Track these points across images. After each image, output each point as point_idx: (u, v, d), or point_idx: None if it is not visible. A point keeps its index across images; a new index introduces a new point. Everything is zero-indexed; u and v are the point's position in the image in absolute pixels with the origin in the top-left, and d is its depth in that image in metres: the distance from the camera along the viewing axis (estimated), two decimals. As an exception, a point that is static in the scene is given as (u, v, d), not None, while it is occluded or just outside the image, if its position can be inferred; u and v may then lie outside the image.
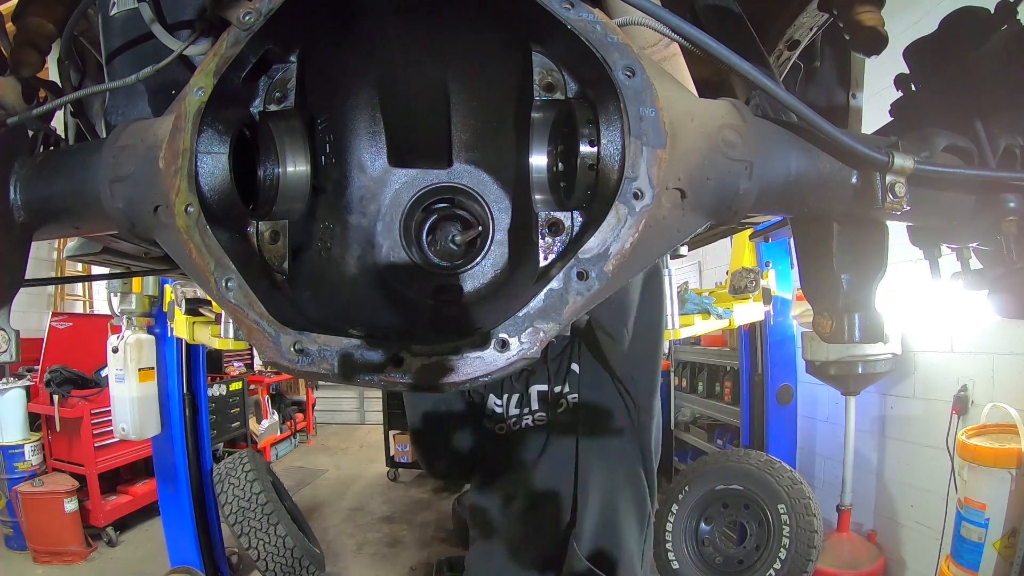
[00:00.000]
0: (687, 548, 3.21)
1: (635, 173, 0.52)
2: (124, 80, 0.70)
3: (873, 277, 0.75)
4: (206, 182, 0.57)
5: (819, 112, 0.61)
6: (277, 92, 0.65)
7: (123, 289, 3.27)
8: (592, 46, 0.55)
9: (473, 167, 0.80)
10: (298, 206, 0.67)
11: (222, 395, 6.20)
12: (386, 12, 0.66)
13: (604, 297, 0.53)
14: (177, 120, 0.57)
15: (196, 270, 0.55)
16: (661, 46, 0.82)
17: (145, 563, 4.25)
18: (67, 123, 1.15)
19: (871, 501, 3.71)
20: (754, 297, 3.06)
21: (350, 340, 0.51)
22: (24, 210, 0.71)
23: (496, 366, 0.50)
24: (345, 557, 4.42)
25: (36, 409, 4.75)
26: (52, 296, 7.35)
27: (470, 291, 0.77)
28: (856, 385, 3.43)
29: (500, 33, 0.65)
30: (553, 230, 0.61)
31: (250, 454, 3.72)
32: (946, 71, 0.84)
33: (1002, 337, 2.87)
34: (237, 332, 2.05)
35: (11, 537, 4.50)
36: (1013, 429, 2.54)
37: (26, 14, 0.84)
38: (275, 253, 0.64)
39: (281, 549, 3.29)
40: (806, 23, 1.04)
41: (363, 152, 0.78)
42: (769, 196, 0.64)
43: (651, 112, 0.54)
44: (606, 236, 0.51)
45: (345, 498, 5.75)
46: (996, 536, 2.47)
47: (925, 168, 0.64)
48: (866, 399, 3.62)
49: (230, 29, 0.58)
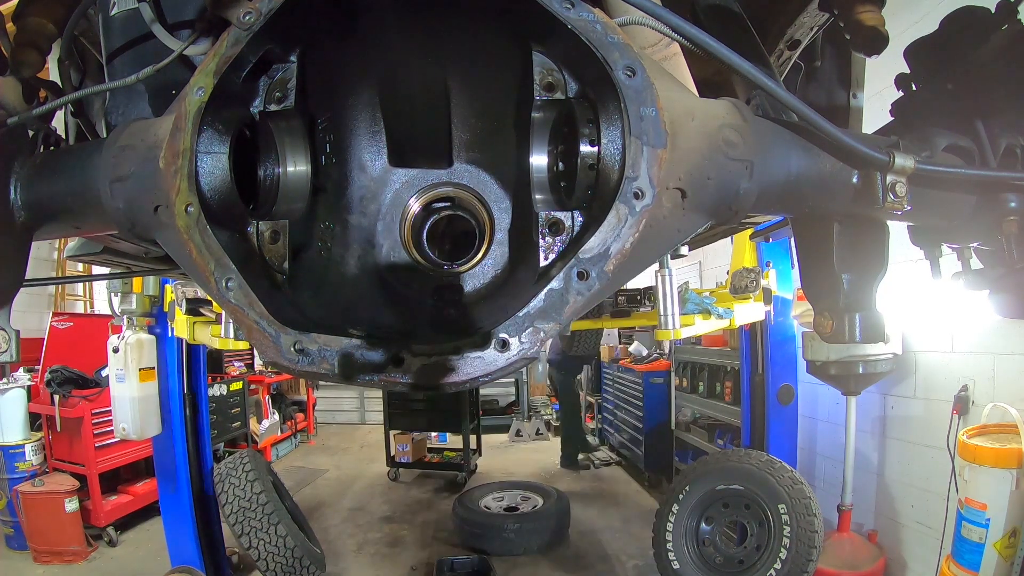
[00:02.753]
0: (688, 548, 3.21)
1: (636, 173, 0.52)
2: (124, 80, 0.70)
3: (874, 277, 0.75)
4: (206, 182, 0.57)
5: (820, 112, 0.61)
6: (277, 92, 0.65)
7: (124, 289, 3.27)
8: (592, 46, 0.55)
9: (473, 167, 0.80)
10: (298, 206, 0.68)
11: (223, 395, 6.20)
12: (386, 12, 0.66)
13: (605, 297, 0.53)
14: (177, 120, 0.57)
15: (196, 270, 0.55)
16: (661, 46, 0.82)
17: (146, 563, 4.25)
18: (67, 123, 1.15)
19: (872, 501, 3.70)
20: (755, 297, 3.06)
21: (350, 340, 0.51)
22: (24, 210, 0.71)
23: (496, 366, 0.50)
24: (346, 557, 4.42)
25: (37, 409, 4.75)
26: (53, 296, 7.35)
27: (470, 291, 0.77)
28: (857, 385, 3.42)
29: (500, 33, 0.65)
30: (553, 230, 0.61)
31: (251, 454, 3.71)
32: (947, 71, 0.84)
33: (1003, 337, 2.87)
34: (237, 332, 2.05)
35: (12, 537, 4.50)
36: (1014, 429, 2.53)
37: (26, 14, 0.84)
38: (275, 253, 0.64)
39: (282, 549, 3.29)
40: (807, 23, 1.04)
41: (363, 152, 0.78)
42: (770, 196, 0.64)
43: (651, 112, 0.54)
44: (607, 236, 0.51)
45: (346, 498, 5.75)
46: (997, 536, 2.47)
47: (926, 168, 0.64)
48: (867, 399, 3.62)
49: (230, 29, 0.58)
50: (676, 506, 3.25)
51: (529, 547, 4.23)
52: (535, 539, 4.26)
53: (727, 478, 3.20)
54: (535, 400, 8.79)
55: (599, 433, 7.30)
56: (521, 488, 5.00)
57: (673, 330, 1.85)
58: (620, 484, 5.99)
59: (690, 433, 5.21)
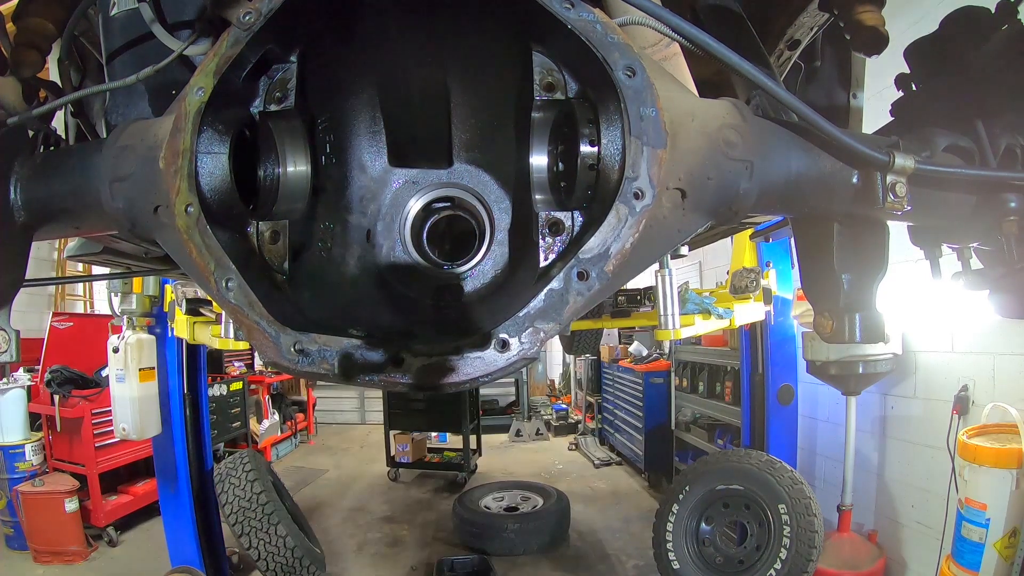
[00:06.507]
0: (688, 548, 3.21)
1: (635, 173, 0.52)
2: (124, 80, 0.70)
3: (874, 277, 0.75)
4: (206, 182, 0.57)
5: (819, 112, 0.61)
6: (277, 92, 0.65)
7: (124, 289, 3.26)
8: (592, 46, 0.55)
9: (473, 167, 0.80)
10: (298, 206, 0.67)
11: (223, 395, 6.20)
12: (386, 13, 0.66)
13: (605, 297, 0.53)
14: (177, 120, 0.57)
15: (196, 270, 0.55)
16: (661, 46, 0.82)
17: (145, 563, 4.24)
18: (67, 123, 1.14)
19: (872, 501, 3.70)
20: (755, 297, 3.06)
21: (350, 340, 0.51)
22: (24, 210, 0.71)
23: (496, 366, 0.50)
24: (346, 557, 4.42)
25: (37, 409, 4.75)
26: (53, 296, 7.35)
27: (470, 291, 0.77)
28: (857, 385, 3.42)
29: (501, 33, 0.65)
30: (553, 230, 0.61)
31: (251, 454, 3.71)
32: (947, 71, 0.84)
33: (1003, 337, 2.87)
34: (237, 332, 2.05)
35: (12, 537, 4.50)
36: (1014, 429, 2.53)
37: (27, 14, 0.84)
38: (275, 253, 0.64)
39: (282, 549, 3.29)
40: (807, 23, 1.04)
41: (363, 152, 0.78)
42: (770, 196, 0.64)
43: (651, 112, 0.53)
44: (607, 236, 0.51)
45: (346, 498, 5.75)
46: (997, 536, 2.47)
47: (926, 168, 0.64)
48: (867, 399, 3.62)
49: (230, 29, 0.58)
50: (676, 506, 3.25)
51: (529, 547, 4.23)
52: (535, 539, 4.26)
53: (727, 478, 3.20)
54: (535, 400, 8.79)
55: (599, 433, 7.30)
56: (521, 488, 5.00)
57: (673, 330, 1.85)
58: (620, 484, 6.00)
59: (690, 433, 5.21)
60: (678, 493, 3.28)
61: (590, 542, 4.52)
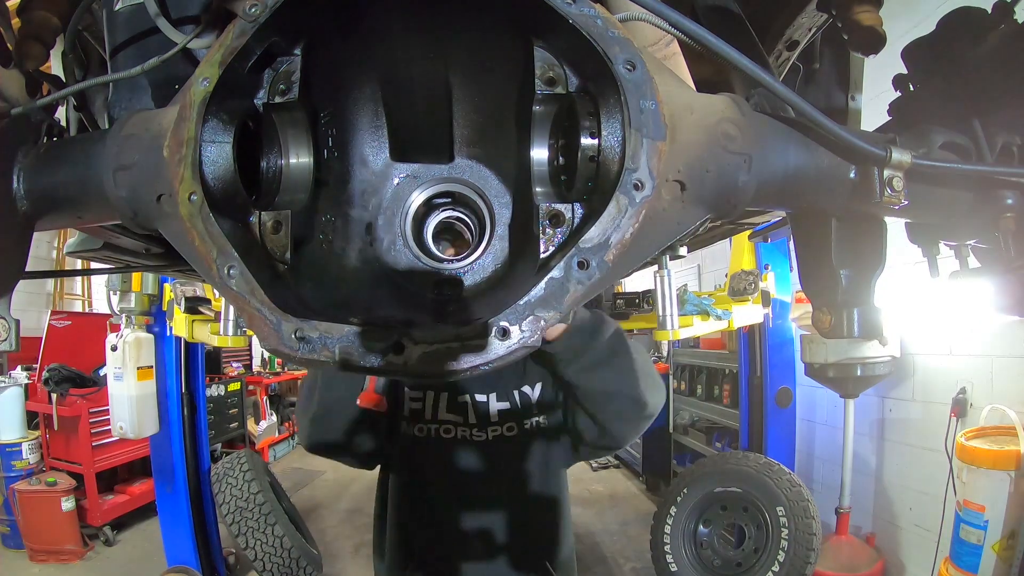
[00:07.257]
0: (685, 551, 3.21)
1: (635, 164, 0.53)
2: (129, 71, 0.71)
3: (872, 273, 0.76)
4: (210, 171, 0.57)
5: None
6: (281, 84, 0.65)
7: (122, 287, 3.27)
8: (593, 40, 0.55)
9: (474, 162, 0.80)
10: (300, 197, 0.68)
11: (220, 395, 6.19)
12: (390, 6, 0.66)
13: (604, 287, 0.53)
14: (182, 109, 0.58)
15: (198, 258, 0.55)
16: (661, 45, 0.82)
17: (142, 563, 4.23)
18: (69, 118, 1.15)
19: (870, 504, 3.70)
20: (753, 299, 3.07)
21: (351, 327, 0.52)
22: (27, 199, 0.71)
23: (497, 354, 0.50)
24: (343, 558, 4.41)
25: (34, 407, 4.74)
26: (51, 294, 7.35)
27: (471, 285, 0.78)
28: (855, 388, 3.43)
29: (502, 28, 0.66)
30: (554, 222, 0.61)
31: (248, 454, 3.71)
32: (944, 71, 0.84)
33: (1001, 339, 2.87)
34: (238, 322, 2.05)
35: (8, 536, 4.49)
36: (1012, 431, 2.54)
37: (32, 7, 0.84)
38: (277, 243, 0.64)
39: (279, 549, 3.28)
40: (805, 23, 1.05)
41: (365, 146, 0.79)
42: (768, 190, 0.64)
43: (651, 104, 0.54)
44: (607, 226, 0.52)
45: (343, 499, 5.73)
46: (995, 538, 2.47)
47: (923, 163, 0.64)
48: (865, 402, 3.62)
49: (236, 21, 0.59)
50: (674, 508, 3.25)
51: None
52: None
53: (725, 480, 3.20)
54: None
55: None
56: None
57: (672, 331, 1.85)
58: (618, 487, 5.99)
59: (688, 436, 5.21)
60: (676, 495, 3.28)
61: (587, 545, 4.51)
